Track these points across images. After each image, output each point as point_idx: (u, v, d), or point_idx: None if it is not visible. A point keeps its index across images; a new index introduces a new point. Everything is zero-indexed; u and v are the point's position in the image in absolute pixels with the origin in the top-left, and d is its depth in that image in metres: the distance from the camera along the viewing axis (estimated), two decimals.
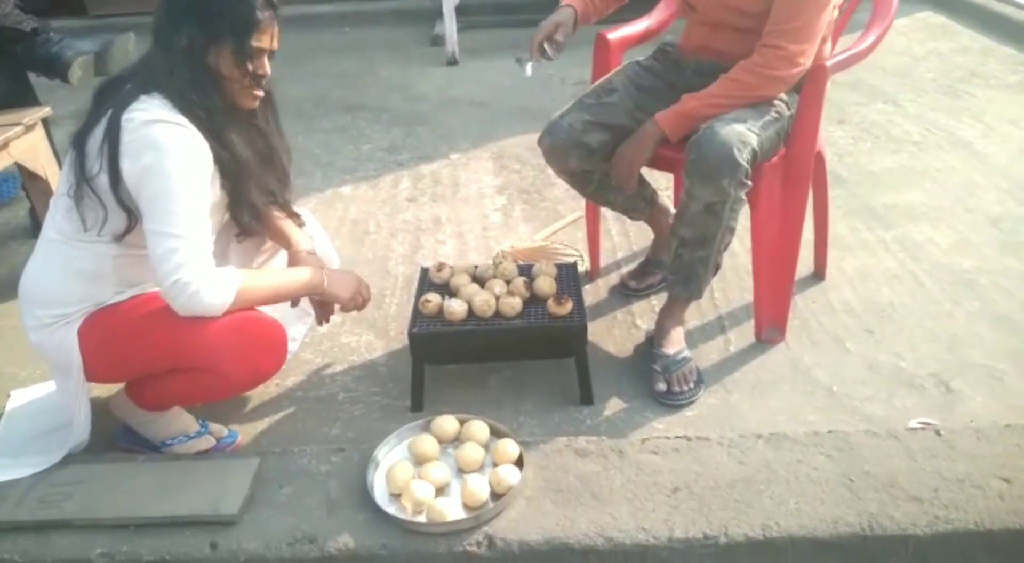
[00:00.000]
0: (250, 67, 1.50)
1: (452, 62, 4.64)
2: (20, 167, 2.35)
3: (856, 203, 2.76)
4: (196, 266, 1.43)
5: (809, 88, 1.80)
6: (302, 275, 1.67)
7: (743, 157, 1.67)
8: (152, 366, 1.57)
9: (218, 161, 1.51)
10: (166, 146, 1.41)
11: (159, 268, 1.42)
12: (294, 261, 1.73)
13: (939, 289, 2.26)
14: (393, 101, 4.10)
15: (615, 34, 2.19)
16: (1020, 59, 4.22)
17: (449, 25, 4.59)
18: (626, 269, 2.47)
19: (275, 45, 1.54)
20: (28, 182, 2.43)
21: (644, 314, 2.23)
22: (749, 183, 1.71)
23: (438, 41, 5.00)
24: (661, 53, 2.12)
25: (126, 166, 1.41)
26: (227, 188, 1.56)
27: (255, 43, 1.49)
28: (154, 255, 1.42)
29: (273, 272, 1.75)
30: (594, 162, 1.97)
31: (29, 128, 2.30)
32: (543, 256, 2.51)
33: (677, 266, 1.86)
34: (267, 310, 1.63)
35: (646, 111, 1.95)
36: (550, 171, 3.12)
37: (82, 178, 1.46)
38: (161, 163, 1.40)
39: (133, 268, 1.55)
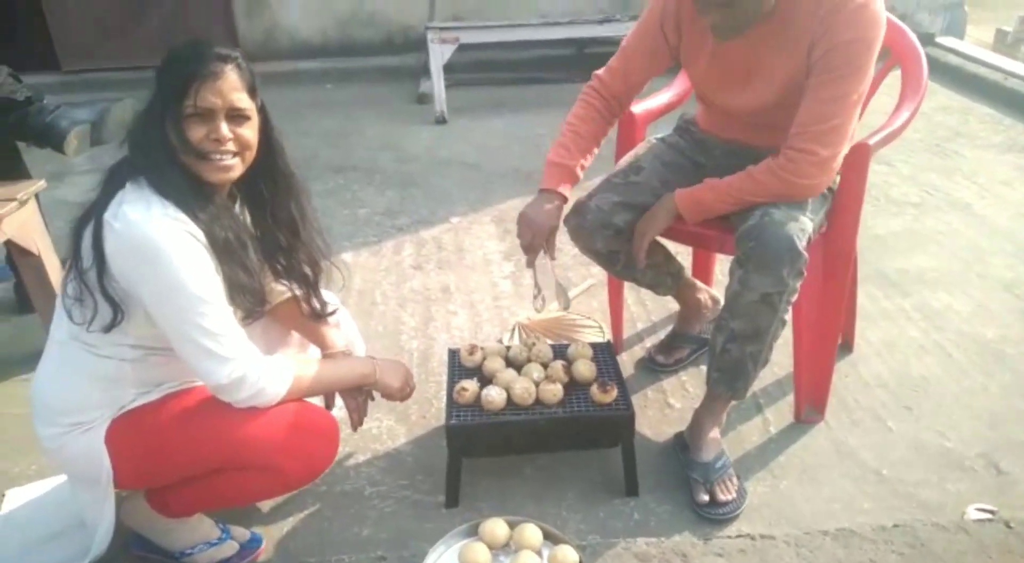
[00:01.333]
0: (189, 133, 1.32)
1: (441, 121, 4.60)
2: (10, 244, 2.21)
3: (868, 269, 2.74)
4: (247, 358, 1.32)
5: (851, 167, 1.77)
6: (353, 364, 1.57)
7: (803, 245, 1.62)
8: (194, 468, 1.44)
9: (210, 244, 1.37)
10: (157, 244, 1.27)
11: (201, 368, 1.31)
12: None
13: (968, 361, 2.24)
14: (384, 161, 4.03)
15: (640, 107, 2.15)
16: (998, 119, 4.33)
17: (437, 85, 4.56)
18: (649, 341, 2.41)
19: (235, 103, 1.34)
20: (18, 258, 2.28)
21: (676, 392, 2.16)
22: (806, 272, 1.65)
23: (424, 99, 4.96)
24: (685, 131, 2.08)
25: (118, 267, 1.30)
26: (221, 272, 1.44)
27: (192, 102, 1.30)
28: (191, 356, 1.31)
29: (324, 361, 1.62)
30: (621, 242, 1.91)
31: (23, 203, 2.16)
32: (562, 329, 2.44)
33: (724, 363, 1.76)
34: None
35: (672, 188, 1.91)
36: (557, 236, 3.15)
37: (78, 274, 1.34)
38: (160, 263, 1.28)
39: (154, 369, 1.43)
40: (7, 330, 2.60)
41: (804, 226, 1.64)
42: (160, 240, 1.28)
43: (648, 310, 2.58)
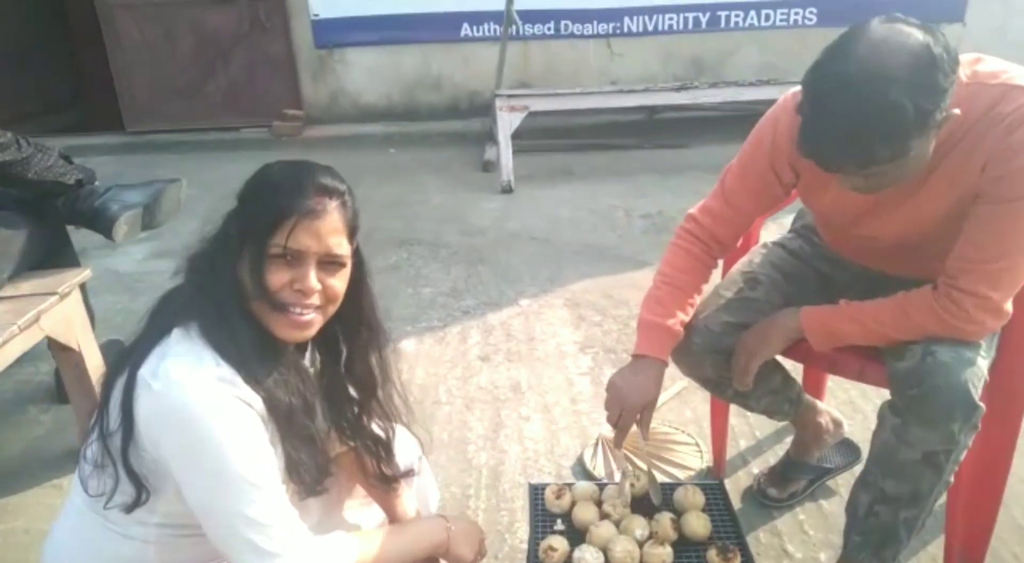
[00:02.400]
0: (269, 277, 1.08)
1: (507, 190, 4.40)
2: (50, 340, 2.02)
3: None
4: (298, 552, 1.06)
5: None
6: (424, 531, 1.30)
7: (979, 394, 1.31)
8: None
9: (270, 413, 1.12)
10: (202, 416, 1.02)
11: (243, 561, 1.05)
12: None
13: None
14: (448, 234, 3.82)
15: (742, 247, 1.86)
16: None
17: (504, 154, 4.37)
18: (756, 464, 2.09)
19: (332, 249, 1.11)
20: (57, 353, 2.09)
21: (794, 536, 1.83)
22: (979, 427, 1.34)
23: (489, 167, 4.79)
24: (807, 239, 1.78)
25: (150, 436, 1.05)
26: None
27: (281, 242, 1.07)
28: (230, 549, 1.05)
29: (390, 532, 1.32)
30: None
31: (63, 297, 1.98)
32: (653, 446, 2.14)
33: (870, 526, 1.44)
34: None
35: (798, 304, 1.61)
36: (635, 325, 2.86)
37: (101, 435, 1.10)
38: (203, 439, 1.02)
39: (181, 551, 1.17)
40: (45, 423, 2.41)
41: (979, 371, 1.33)
42: (207, 412, 1.02)
43: (751, 424, 2.26)
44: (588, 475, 2.06)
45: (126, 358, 1.11)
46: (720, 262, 1.70)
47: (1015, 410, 1.52)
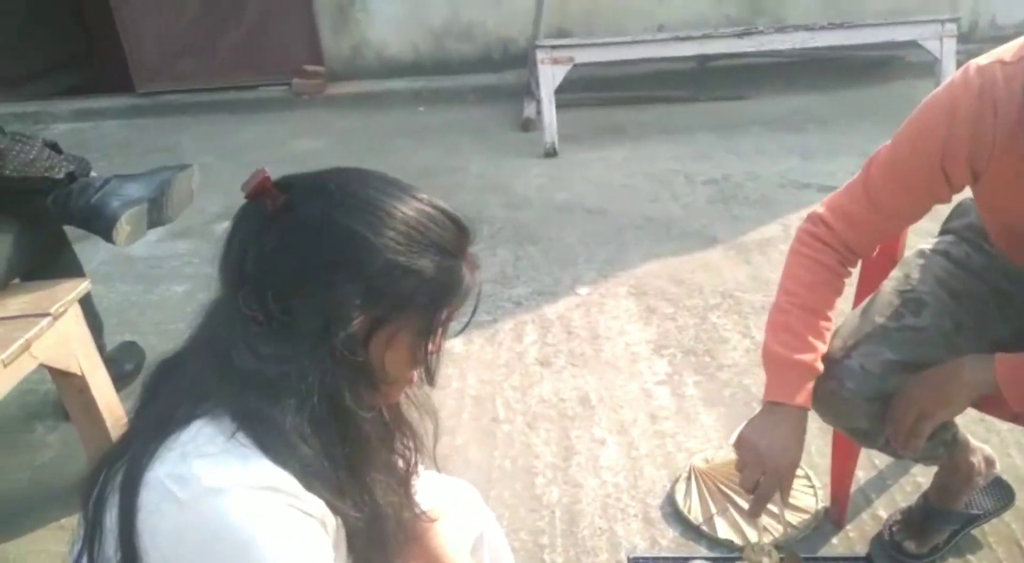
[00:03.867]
0: (431, 349, 0.85)
1: (551, 153, 4.00)
2: (47, 367, 1.71)
3: None
4: None
5: None
6: None
7: None
8: None
9: (344, 522, 0.83)
10: (250, 535, 0.72)
11: None
12: None
13: None
14: (491, 208, 3.45)
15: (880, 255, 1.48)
16: None
17: (548, 112, 3.95)
18: (883, 507, 1.75)
19: None
20: (58, 380, 1.79)
21: None
22: None
23: (528, 125, 4.38)
24: (975, 244, 1.40)
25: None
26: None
27: (432, 343, 0.85)
28: None
29: None
30: None
31: (58, 317, 1.66)
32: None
33: None
34: None
35: (968, 333, 1.28)
36: (716, 319, 2.51)
37: (90, 559, 0.80)
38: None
39: None
40: (52, 445, 2.13)
41: None
42: (259, 531, 0.73)
43: (872, 454, 1.91)
44: (683, 518, 1.74)
45: (117, 458, 0.79)
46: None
47: None
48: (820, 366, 1.26)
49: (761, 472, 1.22)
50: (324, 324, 0.78)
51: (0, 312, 1.65)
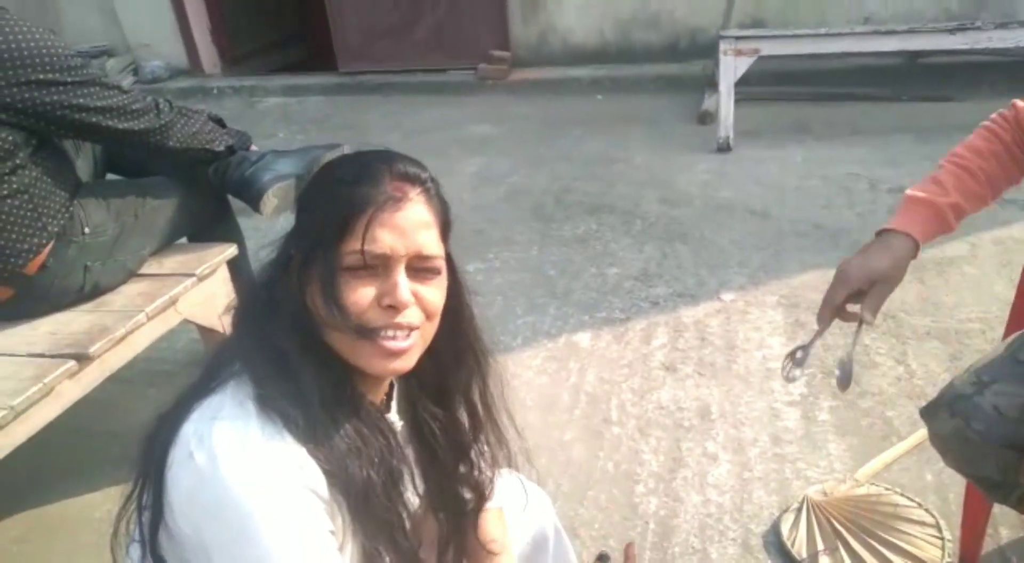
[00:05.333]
0: (348, 296, 0.82)
1: (724, 148, 3.82)
2: (194, 323, 1.89)
3: None
4: None
5: None
6: None
7: None
8: None
9: (344, 494, 0.84)
10: (250, 511, 0.75)
11: None
12: None
13: None
14: (647, 202, 3.36)
15: None
16: None
17: (725, 105, 3.77)
18: (1014, 556, 1.53)
19: (423, 249, 0.85)
20: (204, 335, 1.97)
21: None
22: None
23: (706, 118, 4.20)
24: None
25: (189, 519, 0.79)
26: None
27: (358, 246, 0.81)
28: None
29: None
30: None
31: (203, 278, 1.83)
32: (876, 518, 1.64)
33: None
34: None
35: None
36: (870, 341, 2.29)
37: (139, 507, 0.86)
38: (249, 540, 0.76)
39: None
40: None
41: None
42: (260, 510, 0.76)
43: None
44: (785, 551, 1.62)
45: (171, 412, 0.86)
46: None
47: None
48: (953, 220, 1.18)
49: (846, 283, 1.15)
50: (299, 264, 0.85)
51: (156, 269, 1.85)
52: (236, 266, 2.03)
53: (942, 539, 1.60)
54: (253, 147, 2.08)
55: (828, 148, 3.75)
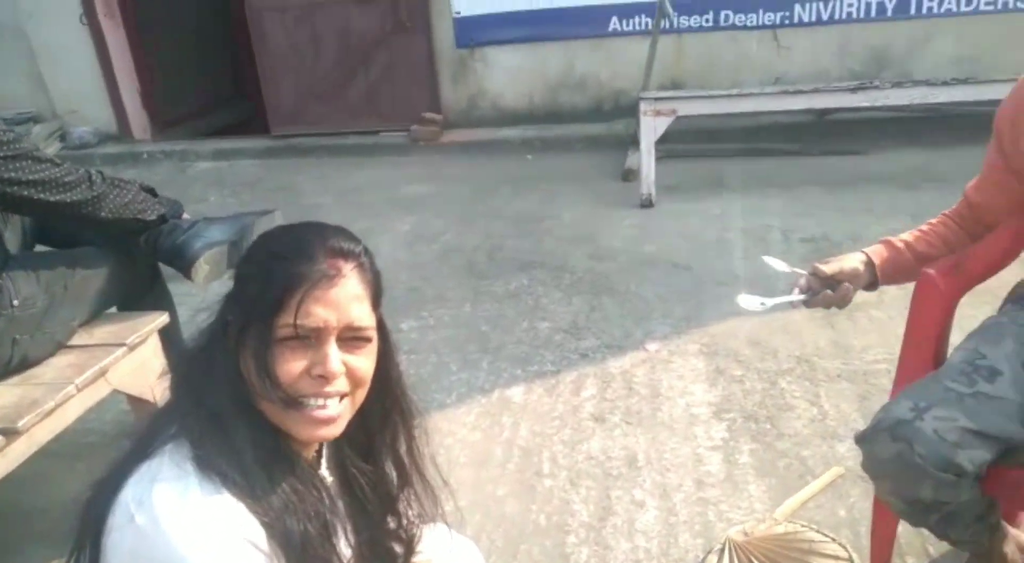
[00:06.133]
0: (280, 367, 0.87)
1: (647, 204, 3.99)
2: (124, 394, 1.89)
3: None
4: None
5: None
6: None
7: None
8: None
9: (282, 548, 0.88)
10: (189, 561, 0.79)
11: None
12: None
13: None
14: (575, 257, 3.48)
15: (943, 270, 1.43)
16: None
17: (646, 163, 3.95)
18: None
19: (354, 321, 0.90)
20: (134, 405, 1.97)
21: None
22: None
23: (630, 176, 4.39)
24: None
25: None
26: None
27: (291, 320, 0.86)
28: None
29: None
30: (958, 491, 1.20)
31: (133, 348, 1.84)
32: (795, 557, 1.72)
33: None
34: None
35: None
36: (786, 384, 2.42)
37: None
38: None
39: None
40: None
41: None
42: (197, 558, 0.80)
43: (924, 535, 1.78)
44: None
45: (110, 478, 0.90)
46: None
47: None
48: (903, 250, 1.49)
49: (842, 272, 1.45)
50: (235, 333, 0.90)
51: (86, 340, 1.86)
52: (167, 334, 2.05)
53: None
54: (185, 215, 2.12)
55: (744, 201, 3.96)
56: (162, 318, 1.96)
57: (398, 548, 1.11)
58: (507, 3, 5.24)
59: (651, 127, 3.98)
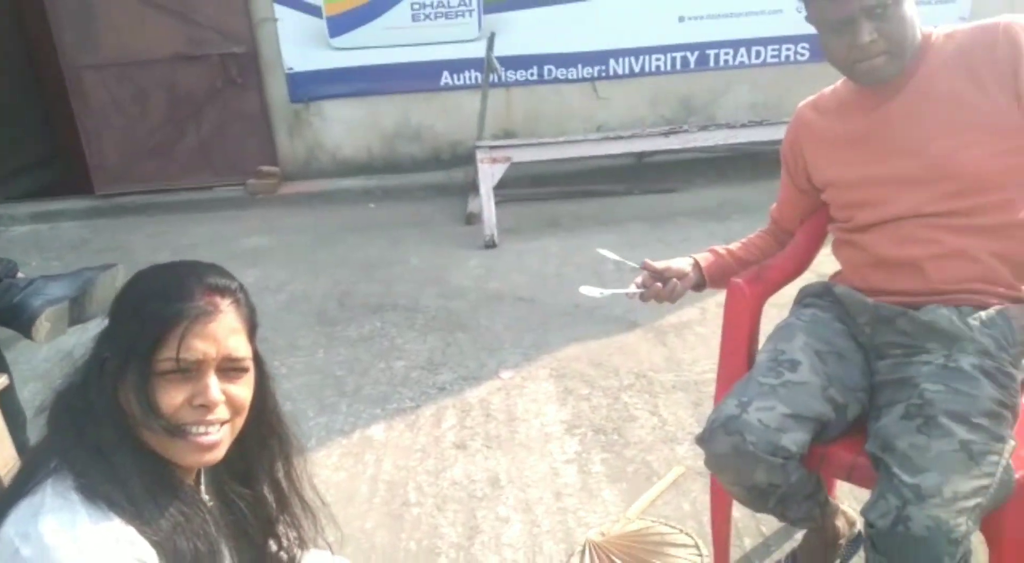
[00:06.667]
0: (162, 398, 0.92)
1: (490, 245, 4.18)
2: None
3: None
4: None
5: None
6: None
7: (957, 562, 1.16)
8: None
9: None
10: None
11: None
12: None
13: None
14: (427, 298, 3.59)
15: (751, 278, 1.66)
16: None
17: (487, 208, 4.15)
18: (756, 558, 1.83)
19: (232, 352, 0.97)
20: None
21: None
22: None
23: (472, 219, 4.58)
24: (828, 300, 1.59)
25: None
26: None
27: (172, 354, 0.92)
28: None
29: None
30: (787, 473, 1.37)
31: None
32: (647, 548, 1.88)
33: None
34: None
35: (837, 385, 1.42)
36: (628, 398, 2.62)
37: None
38: None
39: None
40: None
41: (961, 528, 1.15)
42: None
43: (758, 518, 2.00)
44: None
45: None
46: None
47: None
48: (726, 256, 1.72)
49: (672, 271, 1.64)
50: (114, 367, 0.94)
51: None
52: (3, 397, 1.95)
53: (700, 555, 1.87)
54: (20, 273, 2.04)
55: (578, 238, 4.24)
56: (1, 380, 1.86)
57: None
58: (340, 59, 5.35)
59: (488, 173, 4.20)
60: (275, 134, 5.43)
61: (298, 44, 5.28)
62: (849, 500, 1.92)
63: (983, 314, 1.37)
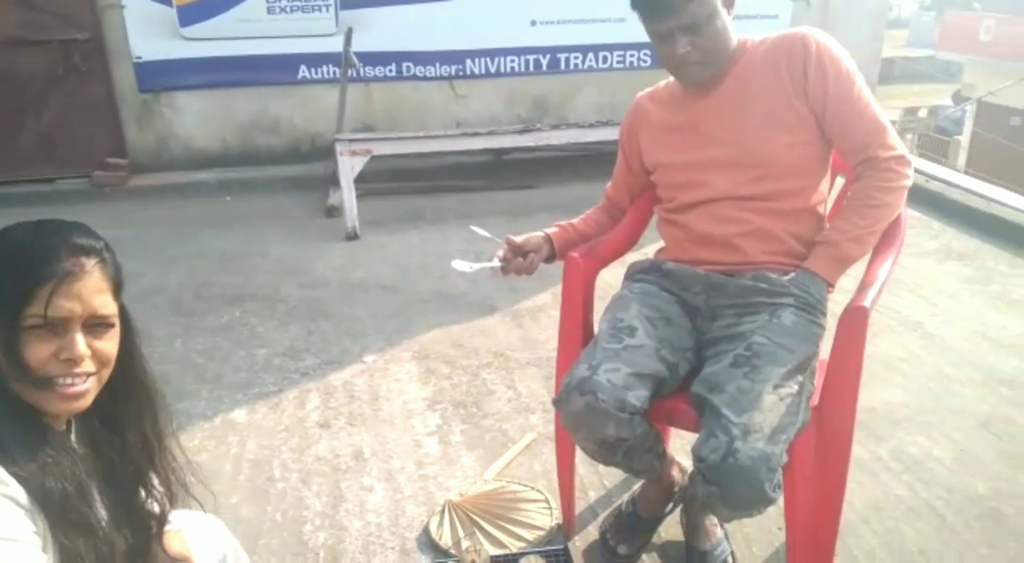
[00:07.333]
0: (29, 353, 0.97)
1: (352, 237, 4.24)
2: None
3: None
4: None
5: (849, 332, 1.49)
6: None
7: (774, 485, 1.37)
8: None
9: (41, 505, 0.98)
10: None
11: None
12: None
13: (965, 525, 1.95)
14: (287, 288, 3.61)
15: (585, 253, 1.84)
16: (927, 222, 4.27)
17: (348, 200, 4.21)
18: (605, 520, 2.03)
19: (97, 309, 1.02)
20: None
21: None
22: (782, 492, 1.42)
23: (333, 212, 4.61)
24: (658, 273, 1.79)
25: None
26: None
27: (39, 311, 0.97)
28: None
29: None
30: (633, 427, 1.53)
31: None
32: (502, 505, 2.04)
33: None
34: None
35: (668, 346, 1.61)
36: (487, 375, 2.78)
37: None
38: None
39: None
40: None
41: (774, 462, 1.36)
42: None
43: (600, 472, 2.21)
44: (435, 545, 1.94)
45: None
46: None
47: (842, 448, 1.55)
48: (571, 230, 1.93)
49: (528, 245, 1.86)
50: None
51: None
52: None
53: (550, 509, 2.05)
54: None
55: (439, 231, 4.38)
56: None
57: (150, 516, 1.21)
58: (191, 49, 5.22)
59: (349, 166, 4.25)
60: (123, 125, 5.23)
61: (146, 32, 5.11)
62: (680, 455, 2.16)
63: (792, 274, 1.62)
